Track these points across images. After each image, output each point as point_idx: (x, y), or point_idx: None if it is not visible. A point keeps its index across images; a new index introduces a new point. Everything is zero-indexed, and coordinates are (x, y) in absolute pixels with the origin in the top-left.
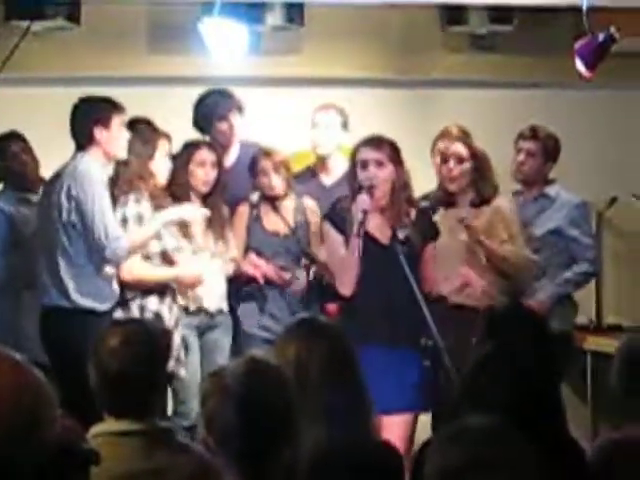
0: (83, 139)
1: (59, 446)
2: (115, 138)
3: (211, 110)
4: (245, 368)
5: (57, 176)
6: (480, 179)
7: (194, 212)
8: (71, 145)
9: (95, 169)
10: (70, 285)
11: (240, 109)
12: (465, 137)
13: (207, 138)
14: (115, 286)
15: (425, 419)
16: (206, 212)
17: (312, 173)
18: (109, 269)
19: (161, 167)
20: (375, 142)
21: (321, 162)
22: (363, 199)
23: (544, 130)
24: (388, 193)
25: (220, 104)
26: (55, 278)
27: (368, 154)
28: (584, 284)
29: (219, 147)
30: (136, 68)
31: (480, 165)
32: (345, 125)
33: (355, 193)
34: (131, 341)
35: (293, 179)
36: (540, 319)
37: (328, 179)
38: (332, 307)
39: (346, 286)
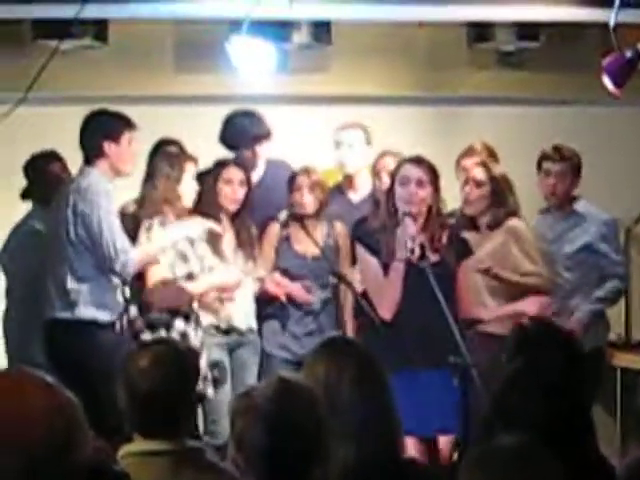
0: (91, 152)
1: (91, 467)
2: (124, 153)
3: (238, 136)
4: (275, 388)
5: (65, 191)
6: (497, 203)
7: (198, 228)
8: None
9: (101, 183)
10: (75, 298)
11: (267, 136)
12: (488, 155)
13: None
14: (119, 297)
15: None
16: (212, 226)
17: (339, 190)
18: (115, 280)
19: (188, 190)
20: (418, 161)
21: (348, 180)
22: (409, 224)
23: (567, 149)
24: (424, 215)
25: (247, 132)
26: (60, 291)
27: (411, 172)
28: (616, 301)
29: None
30: (163, 87)
31: (498, 189)
32: (368, 142)
33: (391, 211)
34: (161, 361)
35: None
36: (570, 336)
37: (355, 196)
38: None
39: (387, 310)
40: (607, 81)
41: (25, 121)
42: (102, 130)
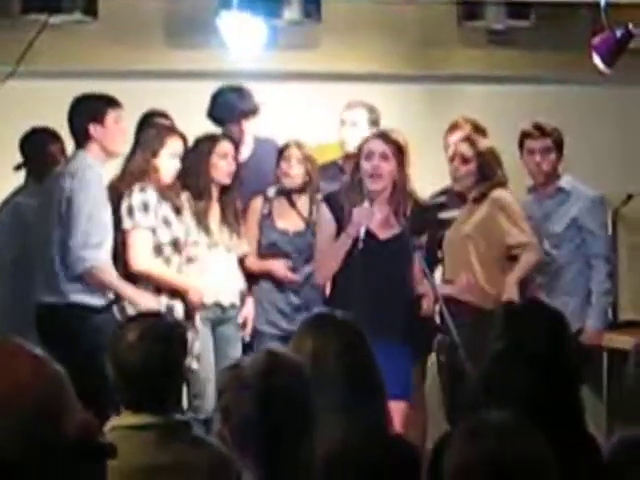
0: (80, 136)
1: (78, 439)
2: (111, 134)
3: (225, 111)
4: (264, 360)
5: (58, 174)
6: (485, 176)
7: (150, 303)
8: None
9: (95, 167)
10: (64, 282)
11: (254, 112)
12: (474, 130)
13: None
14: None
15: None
16: (158, 305)
17: (340, 169)
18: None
19: (166, 164)
20: (384, 136)
21: (348, 158)
22: (366, 212)
23: (547, 124)
24: (389, 190)
25: (234, 107)
26: (50, 274)
27: (376, 146)
28: (611, 287)
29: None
30: (153, 62)
31: (485, 163)
32: (375, 122)
33: (356, 181)
34: (148, 335)
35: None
36: (557, 314)
37: None
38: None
39: (320, 275)
40: (597, 60)
41: (14, 95)
42: (86, 113)
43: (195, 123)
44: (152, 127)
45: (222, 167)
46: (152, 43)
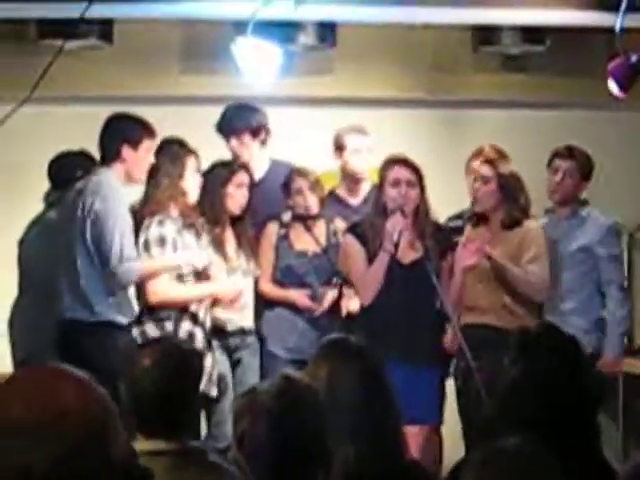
0: (109, 155)
1: (123, 464)
2: (141, 160)
3: (227, 123)
4: (279, 386)
5: (80, 189)
6: (508, 200)
7: (203, 259)
8: None
9: (119, 187)
10: (92, 298)
11: (257, 128)
12: (498, 157)
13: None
14: (132, 298)
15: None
16: (204, 262)
17: (335, 196)
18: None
19: (191, 185)
20: (407, 162)
21: (350, 183)
22: (398, 219)
23: (580, 150)
24: (412, 215)
25: (237, 119)
26: (76, 291)
27: (402, 173)
28: (625, 313)
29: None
30: (168, 88)
31: (507, 186)
32: (371, 147)
33: (380, 209)
34: (163, 361)
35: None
36: (572, 340)
37: (354, 200)
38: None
39: (367, 297)
40: (612, 85)
41: (29, 121)
42: (122, 134)
43: (209, 148)
44: (168, 152)
45: (237, 198)
46: (167, 69)
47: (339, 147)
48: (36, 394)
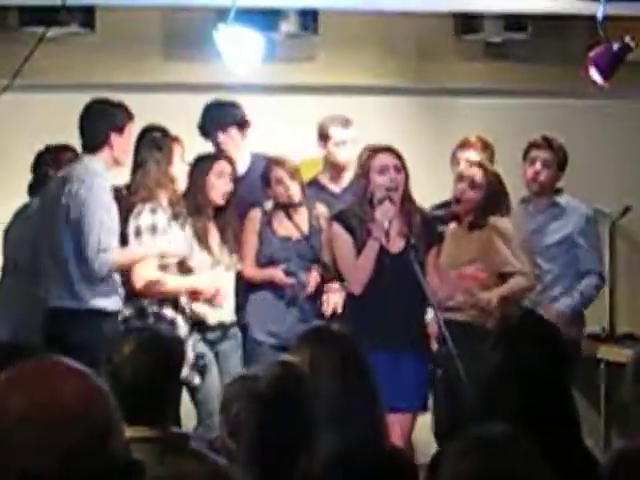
0: (96, 141)
1: (124, 458)
2: (126, 145)
3: (209, 120)
4: (279, 372)
5: (65, 177)
6: (489, 206)
7: (182, 248)
8: None
9: (105, 174)
10: (80, 286)
11: (241, 122)
12: (483, 148)
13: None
14: (120, 285)
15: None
16: (187, 251)
17: (317, 183)
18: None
19: (180, 172)
20: (390, 149)
21: (333, 171)
22: (388, 207)
23: (556, 141)
24: (399, 201)
25: (219, 116)
26: (64, 279)
27: (388, 159)
28: (593, 298)
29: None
30: (151, 75)
31: (494, 192)
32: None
33: (366, 198)
34: (145, 348)
35: (307, 185)
36: (552, 328)
37: (336, 187)
38: None
39: (357, 285)
40: (594, 72)
41: (11, 108)
42: (108, 121)
43: (192, 135)
44: (155, 140)
45: (219, 187)
46: (149, 56)
47: (323, 137)
48: (38, 391)
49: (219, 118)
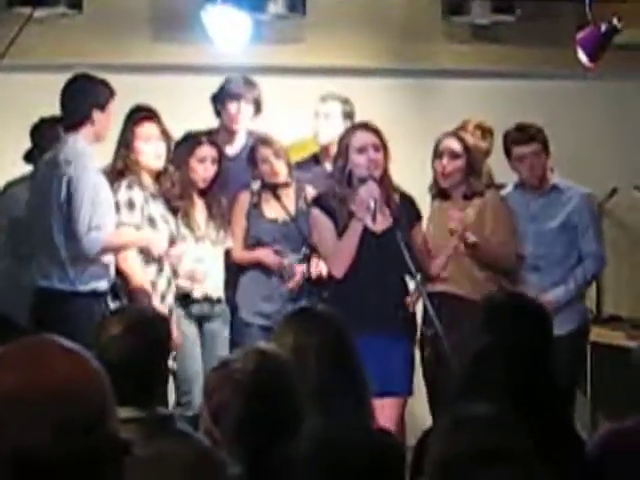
0: (78, 118)
1: (119, 437)
2: (108, 121)
3: (234, 89)
4: (254, 360)
5: (53, 160)
6: (472, 174)
7: (160, 244)
8: None
9: (90, 152)
10: (71, 268)
11: (237, 97)
12: (481, 132)
13: (218, 121)
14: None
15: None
16: (166, 247)
17: (315, 161)
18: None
19: (160, 150)
20: (368, 126)
21: (324, 150)
22: (373, 186)
23: (531, 127)
24: (379, 179)
25: (249, 90)
26: (55, 261)
27: (367, 138)
28: (590, 283)
29: (224, 134)
30: (138, 56)
31: (473, 160)
32: (349, 114)
33: (344, 178)
34: (132, 329)
35: (296, 167)
36: (540, 308)
37: (329, 165)
38: None
39: (339, 268)
40: (582, 55)
41: None
42: (90, 97)
43: (181, 117)
44: (137, 119)
45: (199, 172)
46: (137, 37)
47: (315, 113)
48: (31, 371)
49: (244, 89)
